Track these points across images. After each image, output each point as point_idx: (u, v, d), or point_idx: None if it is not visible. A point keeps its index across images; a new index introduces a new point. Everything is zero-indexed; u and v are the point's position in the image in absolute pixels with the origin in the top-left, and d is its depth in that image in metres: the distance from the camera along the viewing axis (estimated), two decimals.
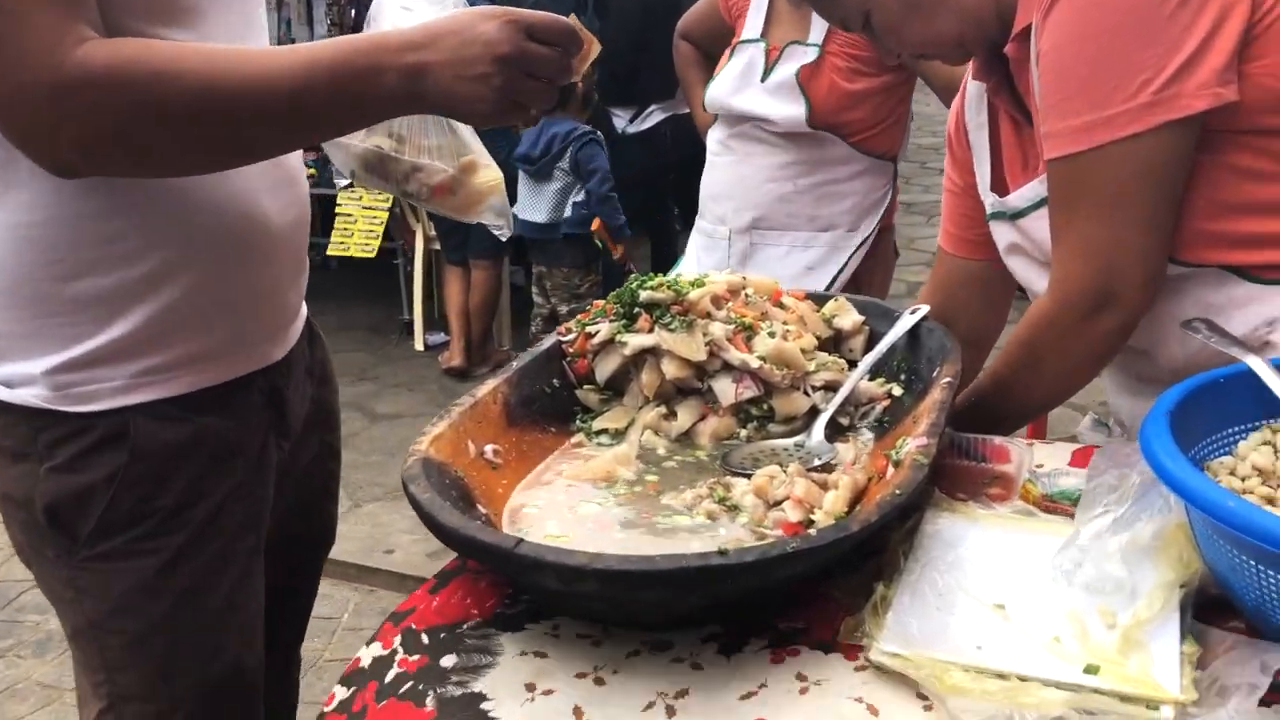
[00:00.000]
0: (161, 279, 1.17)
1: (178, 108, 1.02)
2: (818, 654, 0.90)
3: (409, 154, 1.51)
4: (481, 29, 1.04)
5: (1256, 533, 0.77)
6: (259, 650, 1.33)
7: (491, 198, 1.53)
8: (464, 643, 0.95)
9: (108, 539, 1.18)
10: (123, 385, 1.17)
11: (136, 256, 1.15)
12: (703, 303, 1.31)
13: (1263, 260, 1.20)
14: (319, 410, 1.47)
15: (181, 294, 1.18)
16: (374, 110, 1.11)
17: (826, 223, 2.48)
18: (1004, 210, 1.38)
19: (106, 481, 1.17)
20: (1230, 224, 1.20)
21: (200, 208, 1.17)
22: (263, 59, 1.05)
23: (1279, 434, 1.01)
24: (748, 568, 0.86)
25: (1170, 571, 0.92)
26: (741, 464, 1.19)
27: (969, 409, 1.35)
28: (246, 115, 1.05)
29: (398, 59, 1.05)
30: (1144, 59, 1.12)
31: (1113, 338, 1.25)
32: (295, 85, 1.04)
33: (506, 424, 1.21)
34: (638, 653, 0.93)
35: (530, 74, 1.07)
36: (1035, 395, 1.36)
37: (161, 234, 1.16)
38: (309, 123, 1.10)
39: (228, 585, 1.26)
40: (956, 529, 1.05)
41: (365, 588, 3.28)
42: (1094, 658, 0.86)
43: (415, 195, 1.54)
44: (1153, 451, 0.89)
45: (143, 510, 1.19)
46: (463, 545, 0.94)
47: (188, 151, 1.07)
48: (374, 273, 5.98)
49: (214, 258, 1.20)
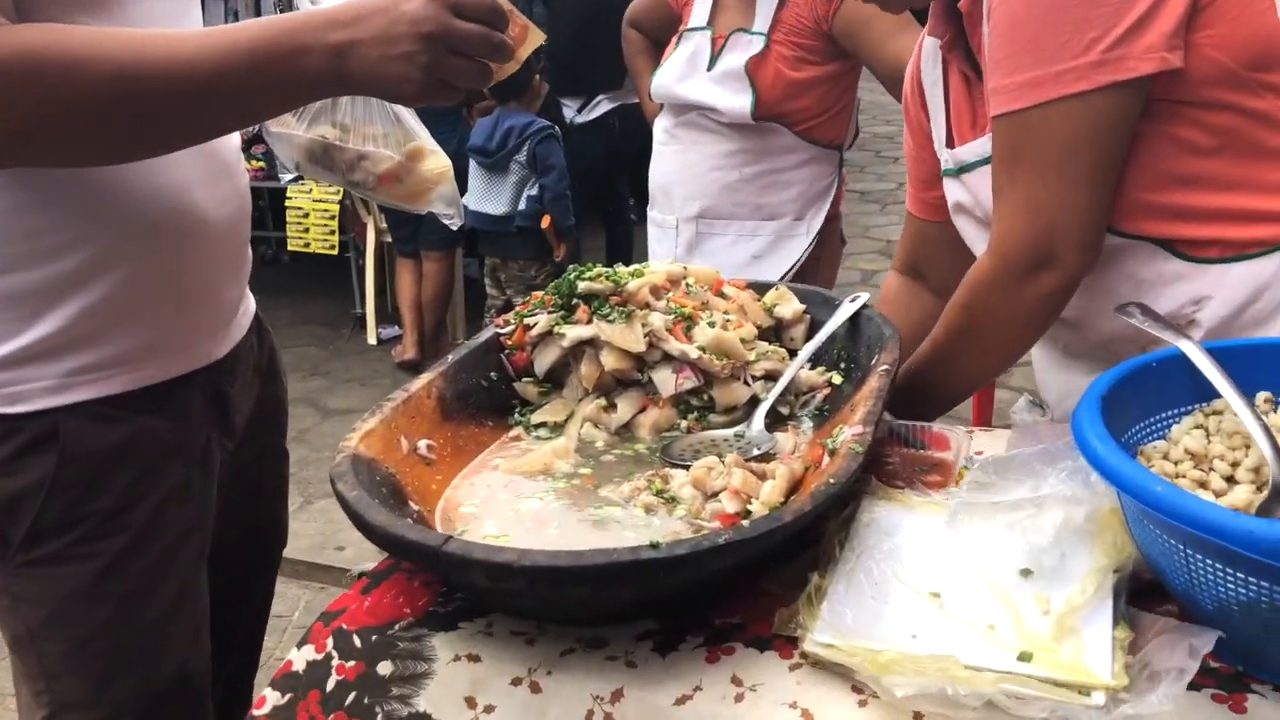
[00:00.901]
0: (91, 274, 1.13)
1: (92, 95, 0.98)
2: (753, 652, 0.89)
3: (354, 142, 1.48)
4: (406, 7, 1.01)
5: (1185, 518, 0.77)
6: (205, 652, 1.30)
7: (440, 186, 1.50)
8: (397, 646, 0.94)
9: (42, 544, 1.15)
10: (53, 385, 1.14)
11: (64, 251, 1.12)
12: (641, 293, 1.29)
13: (1195, 235, 1.21)
14: (267, 409, 1.45)
15: (112, 290, 1.15)
16: (297, 92, 1.08)
17: (772, 212, 2.48)
18: (952, 166, 1.38)
19: (37, 485, 1.14)
20: (1167, 196, 1.21)
21: (131, 200, 1.14)
22: (180, 41, 1.02)
23: (1211, 418, 1.01)
24: (680, 560, 0.85)
25: (1104, 556, 0.92)
26: (681, 455, 1.18)
27: (910, 383, 1.34)
28: (164, 101, 1.01)
29: (321, 38, 1.01)
30: (1093, 18, 1.12)
31: (1052, 299, 1.23)
32: (214, 68, 1.00)
33: (441, 418, 1.19)
34: (572, 650, 0.92)
35: (457, 52, 1.04)
36: (975, 362, 1.35)
37: (90, 228, 1.12)
38: (230, 106, 1.06)
39: (171, 589, 1.23)
40: (893, 517, 1.05)
41: (316, 585, 3.24)
42: (1028, 644, 0.86)
43: (361, 185, 1.51)
44: (1084, 438, 0.89)
45: (78, 514, 1.16)
46: (390, 544, 0.92)
47: (105, 140, 1.03)
48: (326, 266, 5.91)
49: (146, 252, 1.16)
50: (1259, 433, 0.92)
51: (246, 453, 1.41)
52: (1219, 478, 0.95)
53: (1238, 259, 1.21)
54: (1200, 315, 1.21)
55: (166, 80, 1.00)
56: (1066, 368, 1.37)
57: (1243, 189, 1.19)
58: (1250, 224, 1.20)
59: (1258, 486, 0.93)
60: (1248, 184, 1.19)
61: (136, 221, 1.15)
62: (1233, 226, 1.20)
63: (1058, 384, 1.42)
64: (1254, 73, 1.16)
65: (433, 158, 1.47)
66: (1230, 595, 0.79)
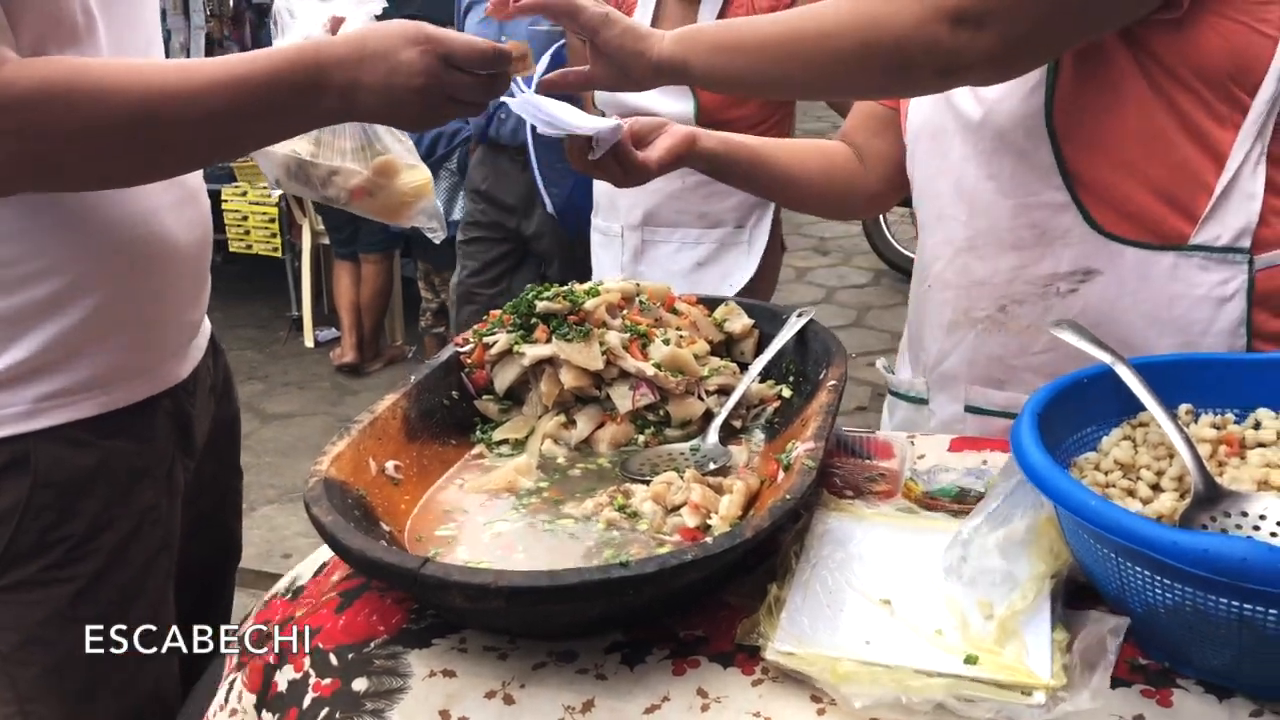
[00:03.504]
0: (63, 301, 1.15)
1: (117, 126, 1.02)
2: (716, 667, 0.94)
3: (325, 157, 1.50)
4: (404, 57, 1.07)
5: (1117, 530, 0.84)
6: (175, 671, 1.32)
7: (420, 201, 1.54)
8: (373, 664, 0.97)
9: (16, 570, 1.16)
10: (24, 411, 1.15)
11: (38, 278, 1.13)
12: (598, 312, 1.33)
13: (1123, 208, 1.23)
14: (221, 427, 1.47)
15: (83, 316, 1.17)
16: (306, 124, 1.19)
17: (715, 220, 2.53)
18: None
19: (10, 512, 1.15)
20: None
21: (104, 228, 1.16)
22: (197, 72, 1.06)
23: (1138, 429, 1.08)
24: (648, 578, 0.89)
25: (1042, 563, 0.98)
26: (640, 470, 1.22)
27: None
28: (183, 129, 1.06)
29: (333, 77, 1.08)
30: None
31: (951, 60, 1.08)
32: (230, 99, 1.06)
33: (406, 439, 1.22)
34: (544, 664, 0.96)
35: (453, 98, 1.11)
36: (799, 52, 1.15)
37: (65, 256, 1.14)
38: (245, 134, 1.13)
39: (143, 610, 1.25)
40: (844, 528, 1.10)
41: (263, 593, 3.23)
42: (973, 648, 0.92)
43: (336, 200, 1.54)
44: (1023, 453, 0.95)
45: (51, 539, 1.17)
46: (368, 567, 0.95)
47: (125, 167, 1.09)
48: (260, 269, 5.86)
49: (118, 278, 1.19)
50: (1181, 443, 0.99)
51: (204, 471, 1.43)
52: (1145, 486, 1.02)
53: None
54: (1085, 288, 1.26)
55: (185, 110, 1.05)
56: (953, 330, 1.38)
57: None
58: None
59: (1181, 494, 1.00)
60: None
61: (109, 248, 1.17)
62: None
63: (940, 346, 1.41)
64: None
65: (409, 172, 1.50)
66: (1157, 599, 0.86)
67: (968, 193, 1.32)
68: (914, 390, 1.48)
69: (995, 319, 1.33)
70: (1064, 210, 1.26)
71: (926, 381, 1.46)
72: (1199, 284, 1.23)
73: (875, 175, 1.56)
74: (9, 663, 1.19)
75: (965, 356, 1.37)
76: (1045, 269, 1.28)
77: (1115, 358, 1.07)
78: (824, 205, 1.65)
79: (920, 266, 1.47)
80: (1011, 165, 1.27)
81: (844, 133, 1.60)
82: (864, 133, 1.56)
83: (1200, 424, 1.07)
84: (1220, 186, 1.19)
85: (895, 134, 1.52)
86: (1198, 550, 0.79)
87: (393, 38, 1.08)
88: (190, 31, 5.66)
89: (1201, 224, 1.21)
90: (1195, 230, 1.22)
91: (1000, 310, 1.32)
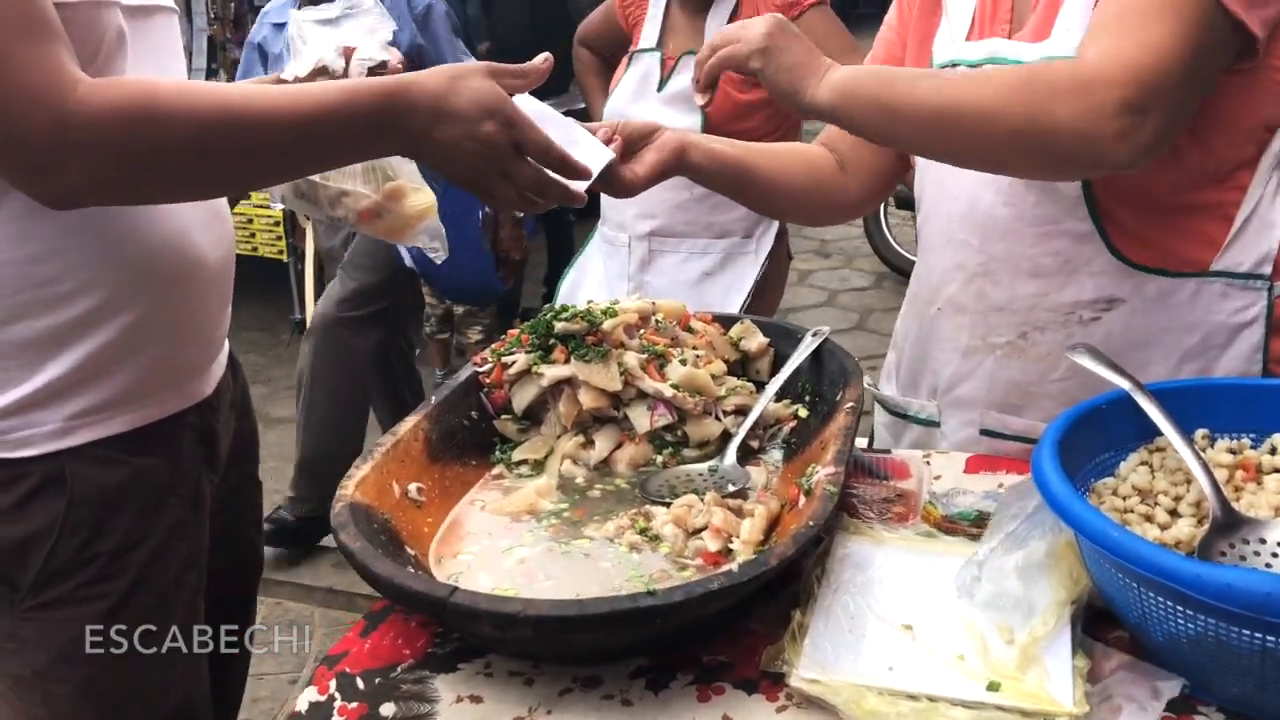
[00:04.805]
0: (98, 319, 1.17)
1: (187, 148, 1.05)
2: (741, 694, 0.95)
3: (335, 180, 1.52)
4: (484, 129, 1.10)
5: (1139, 561, 0.85)
6: (205, 685, 1.33)
7: (423, 222, 1.55)
8: (400, 689, 0.98)
9: (51, 588, 1.18)
10: (58, 429, 1.17)
11: (72, 298, 1.15)
12: (616, 333, 1.34)
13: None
14: (243, 442, 1.48)
15: (117, 334, 1.19)
16: (369, 155, 1.25)
17: (722, 230, 2.54)
18: (958, 60, 1.34)
19: (47, 530, 1.17)
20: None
21: (135, 248, 1.18)
22: (267, 98, 1.09)
23: (1155, 454, 1.09)
24: (675, 607, 0.90)
25: (1062, 589, 0.99)
26: (659, 491, 1.23)
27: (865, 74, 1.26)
28: (253, 155, 1.10)
29: (409, 123, 1.10)
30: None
31: (1136, 144, 1.07)
32: (301, 126, 1.09)
33: (428, 460, 1.23)
34: (570, 690, 0.97)
35: (505, 175, 1.14)
36: (958, 127, 1.16)
37: (97, 275, 1.16)
38: (309, 161, 1.18)
39: (173, 625, 1.26)
40: (865, 552, 1.11)
41: (271, 600, 3.24)
42: (995, 674, 0.93)
43: (344, 220, 1.55)
44: (1044, 481, 0.96)
45: (84, 556, 1.19)
46: (396, 594, 0.96)
47: (195, 184, 1.13)
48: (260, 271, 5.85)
49: (150, 296, 1.21)
50: (1198, 469, 1.01)
51: (226, 485, 1.45)
52: (1163, 511, 1.03)
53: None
54: (1108, 316, 1.28)
55: (256, 133, 1.08)
56: (978, 358, 1.38)
57: None
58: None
59: (1198, 520, 1.01)
60: None
61: (142, 266, 1.19)
62: None
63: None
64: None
65: (415, 195, 1.51)
66: (1179, 629, 0.87)
67: (981, 219, 1.33)
68: (925, 413, 1.49)
69: (1015, 345, 1.34)
70: (1088, 239, 1.27)
71: (939, 404, 1.46)
72: (1219, 310, 1.24)
73: (857, 184, 1.55)
74: (43, 679, 1.20)
75: (982, 381, 1.38)
76: (1068, 296, 1.29)
77: (1132, 383, 1.08)
78: (804, 214, 1.67)
79: (928, 288, 1.46)
80: (1035, 195, 1.28)
81: (828, 138, 1.58)
82: (849, 141, 1.54)
83: (1217, 449, 1.09)
84: (1241, 217, 1.21)
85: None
86: (1221, 584, 0.80)
87: (476, 105, 1.10)
88: (193, 34, 5.65)
89: (1223, 251, 1.23)
90: (1217, 257, 1.23)
91: (1021, 336, 1.33)
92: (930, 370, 1.48)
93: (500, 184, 1.14)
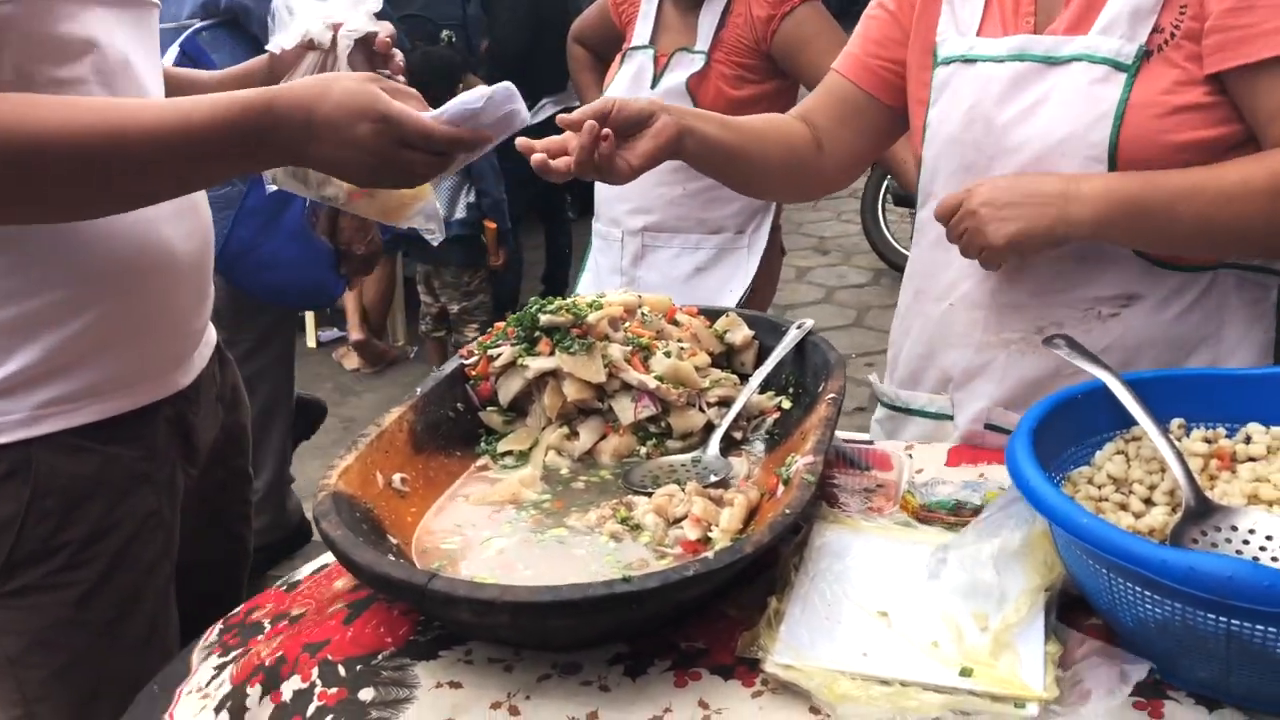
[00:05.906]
0: (61, 312, 1.17)
1: (58, 170, 1.04)
2: (717, 679, 0.96)
3: None
4: (358, 133, 1.09)
5: (1108, 547, 0.86)
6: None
7: (419, 202, 1.54)
8: (380, 675, 0.99)
9: (20, 575, 1.19)
10: (24, 418, 1.18)
11: (33, 290, 1.16)
12: (601, 325, 1.35)
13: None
14: (229, 436, 1.49)
15: (84, 326, 1.19)
16: (255, 169, 1.26)
17: (715, 225, 2.55)
18: (975, 55, 1.35)
19: (12, 518, 1.18)
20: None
21: (101, 240, 1.18)
22: (144, 114, 1.07)
23: (1130, 443, 1.10)
24: (652, 593, 0.91)
25: (1036, 576, 1.01)
26: (642, 482, 1.24)
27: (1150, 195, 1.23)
28: (126, 173, 1.08)
29: (279, 137, 1.10)
30: None
31: None
32: (176, 143, 1.08)
33: (413, 451, 1.24)
34: (549, 676, 0.98)
35: (405, 170, 1.14)
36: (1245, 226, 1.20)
37: (58, 267, 1.16)
38: (190, 177, 1.15)
39: (145, 613, 1.27)
40: (842, 540, 1.12)
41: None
42: (968, 660, 0.94)
43: (334, 200, 1.55)
44: (1017, 469, 0.97)
45: (53, 544, 1.20)
46: (377, 582, 0.97)
47: (76, 204, 1.11)
48: None
49: (117, 289, 1.21)
50: (1172, 458, 1.02)
51: (212, 478, 1.46)
52: (1138, 500, 1.04)
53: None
54: (1126, 312, 1.30)
55: (128, 152, 1.06)
56: (992, 353, 1.40)
57: None
58: None
59: (1172, 508, 1.02)
60: None
61: (107, 260, 1.19)
62: None
63: (970, 362, 1.43)
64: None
65: None
66: (1148, 614, 0.88)
67: None
68: (934, 406, 1.50)
69: (1031, 340, 1.35)
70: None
71: (951, 398, 1.47)
72: (1233, 302, 1.26)
73: (833, 163, 1.55)
74: (16, 665, 1.21)
75: (995, 376, 1.39)
76: (1088, 293, 1.30)
77: (1109, 372, 1.09)
78: (780, 193, 1.70)
79: (937, 284, 1.46)
80: None
81: (807, 111, 1.57)
82: (829, 118, 1.54)
83: (1192, 438, 1.10)
84: None
85: (864, 123, 1.51)
86: (1184, 568, 0.81)
87: (345, 110, 1.09)
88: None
89: None
90: None
91: (1037, 332, 1.34)
92: (938, 365, 1.49)
93: (399, 175, 1.15)
